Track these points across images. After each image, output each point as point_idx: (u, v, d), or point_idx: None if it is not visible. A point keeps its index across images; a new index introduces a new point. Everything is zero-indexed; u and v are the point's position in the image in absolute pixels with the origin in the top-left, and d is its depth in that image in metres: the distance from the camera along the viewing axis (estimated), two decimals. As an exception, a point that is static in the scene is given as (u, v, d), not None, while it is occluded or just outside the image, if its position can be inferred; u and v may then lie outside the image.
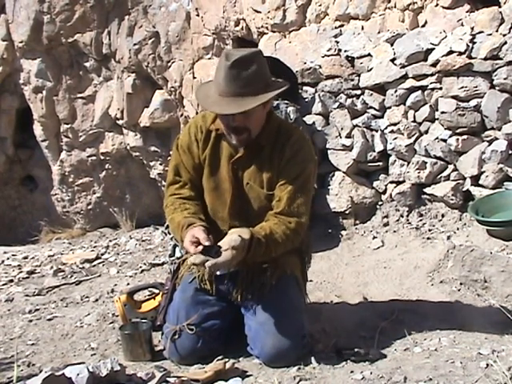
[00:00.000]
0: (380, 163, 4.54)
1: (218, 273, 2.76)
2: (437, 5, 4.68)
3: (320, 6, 5.26)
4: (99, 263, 4.86)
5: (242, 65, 2.52)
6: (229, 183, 2.72)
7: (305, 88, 4.83)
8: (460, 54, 4.18)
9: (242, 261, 2.54)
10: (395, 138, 4.45)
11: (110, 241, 5.82)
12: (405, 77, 4.39)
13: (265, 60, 2.64)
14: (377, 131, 4.52)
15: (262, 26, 5.55)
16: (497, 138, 4.14)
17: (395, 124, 4.45)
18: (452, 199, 4.24)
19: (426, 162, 4.33)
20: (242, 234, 2.48)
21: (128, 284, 4.13)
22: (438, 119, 4.32)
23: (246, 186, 2.72)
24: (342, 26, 5.12)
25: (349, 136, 4.60)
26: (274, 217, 2.65)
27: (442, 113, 4.25)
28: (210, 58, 6.04)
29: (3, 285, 4.41)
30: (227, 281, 2.77)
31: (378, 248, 4.24)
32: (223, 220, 2.74)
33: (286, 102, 4.57)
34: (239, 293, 2.73)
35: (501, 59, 4.07)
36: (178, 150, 2.81)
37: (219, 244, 2.48)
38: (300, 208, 2.66)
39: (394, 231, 4.35)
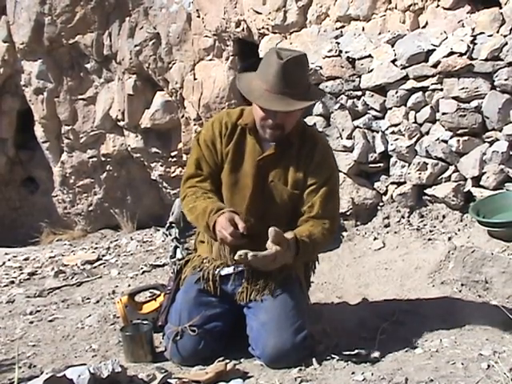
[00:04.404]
0: (381, 164, 4.54)
1: (222, 273, 2.77)
2: (437, 6, 4.67)
3: (321, 7, 5.26)
4: (100, 264, 4.86)
5: (293, 65, 2.59)
6: (251, 179, 2.73)
7: (305, 89, 4.82)
8: (461, 54, 4.17)
9: (292, 262, 2.61)
10: (396, 139, 4.44)
11: (111, 242, 5.82)
12: (405, 78, 4.38)
13: (308, 64, 2.74)
14: (378, 132, 4.52)
15: (263, 28, 5.55)
16: (498, 139, 4.13)
17: (396, 125, 4.45)
18: (453, 200, 4.24)
19: (426, 163, 4.33)
20: (284, 235, 2.54)
21: (129, 285, 4.13)
22: (438, 120, 4.31)
23: (269, 183, 2.74)
24: (342, 27, 5.12)
25: (350, 137, 4.59)
26: (307, 221, 2.70)
27: (443, 114, 4.24)
28: (210, 60, 6.04)
29: (4, 286, 4.42)
30: (232, 282, 2.77)
31: (379, 249, 4.23)
32: (240, 215, 2.72)
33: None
34: (244, 294, 2.74)
35: (502, 60, 4.07)
36: (200, 144, 2.82)
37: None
38: (333, 212, 2.76)
39: (395, 232, 4.35)
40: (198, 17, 5.98)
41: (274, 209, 2.75)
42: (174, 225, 4.11)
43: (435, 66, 4.26)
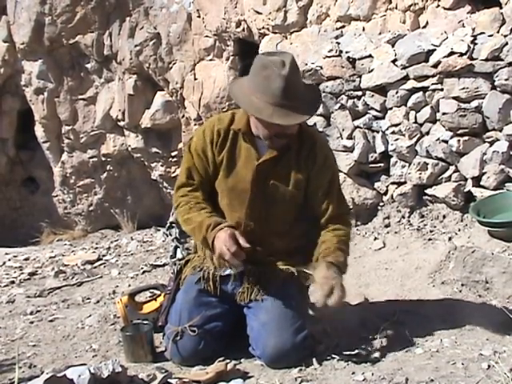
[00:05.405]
0: (381, 164, 4.53)
1: (222, 273, 2.77)
2: (438, 6, 4.68)
3: (321, 7, 5.26)
4: (100, 264, 4.86)
5: (294, 74, 2.58)
6: (249, 183, 2.71)
7: (306, 89, 4.82)
8: (461, 54, 4.17)
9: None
10: (396, 139, 4.44)
11: (112, 242, 5.83)
12: (406, 78, 4.38)
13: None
14: (378, 132, 4.52)
15: (263, 28, 5.55)
16: (498, 139, 4.13)
17: (396, 125, 4.44)
18: (453, 200, 4.24)
19: (427, 163, 4.33)
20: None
21: (129, 285, 4.13)
22: (439, 120, 4.31)
23: (270, 185, 2.72)
24: (343, 27, 5.12)
25: (350, 137, 4.59)
26: (326, 225, 2.76)
27: (443, 114, 4.24)
28: (211, 60, 6.04)
29: (5, 286, 4.42)
30: (232, 282, 2.77)
31: (380, 249, 4.23)
32: (239, 220, 2.72)
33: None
34: (244, 294, 2.74)
35: (502, 60, 4.07)
36: (191, 152, 2.80)
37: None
38: (347, 207, 2.97)
39: (396, 232, 4.34)
40: (199, 17, 5.98)
41: (276, 211, 2.74)
42: (174, 225, 4.10)
43: (435, 66, 4.26)
